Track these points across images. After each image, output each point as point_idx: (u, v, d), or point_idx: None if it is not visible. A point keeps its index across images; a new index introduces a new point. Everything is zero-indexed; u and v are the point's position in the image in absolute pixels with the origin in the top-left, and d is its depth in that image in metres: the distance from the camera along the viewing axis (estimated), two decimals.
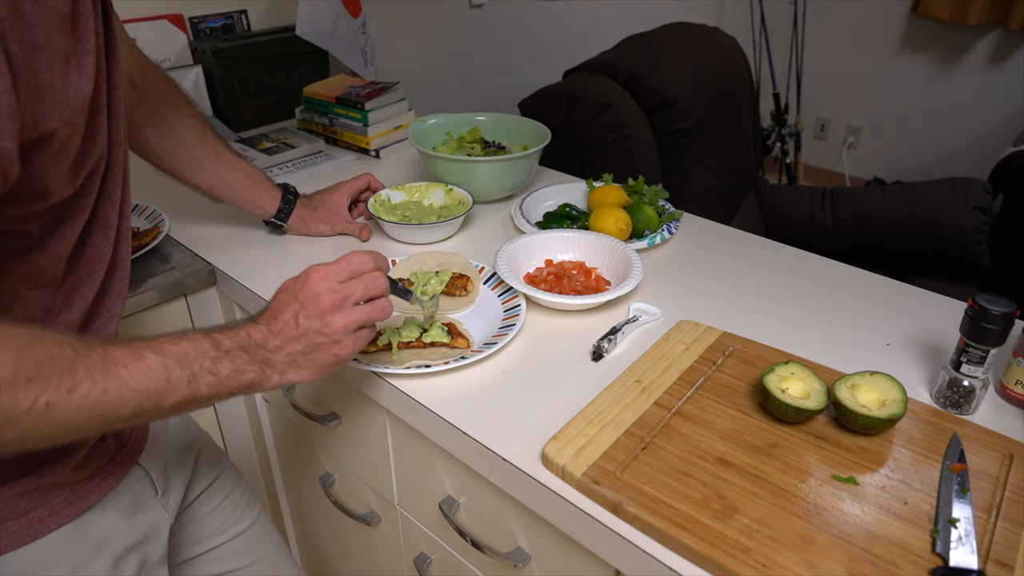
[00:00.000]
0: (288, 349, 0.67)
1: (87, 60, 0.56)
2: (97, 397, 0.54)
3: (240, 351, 0.64)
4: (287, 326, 0.67)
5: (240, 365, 0.64)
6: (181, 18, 1.60)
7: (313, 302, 0.67)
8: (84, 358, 0.54)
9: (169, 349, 0.59)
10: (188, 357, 0.60)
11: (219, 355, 0.63)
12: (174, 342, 0.60)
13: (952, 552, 0.61)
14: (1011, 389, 0.81)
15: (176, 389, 0.59)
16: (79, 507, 0.68)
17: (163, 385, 0.58)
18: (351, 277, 0.70)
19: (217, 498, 0.91)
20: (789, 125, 3.58)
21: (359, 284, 0.70)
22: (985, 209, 1.78)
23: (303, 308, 0.67)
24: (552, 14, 2.61)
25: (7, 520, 0.63)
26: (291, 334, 0.67)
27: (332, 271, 0.69)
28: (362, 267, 0.71)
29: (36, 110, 0.52)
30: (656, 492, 0.67)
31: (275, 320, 0.67)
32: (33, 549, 0.65)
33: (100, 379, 0.54)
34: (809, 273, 1.09)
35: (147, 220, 1.22)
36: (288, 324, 0.67)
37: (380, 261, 0.73)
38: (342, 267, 0.70)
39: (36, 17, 0.50)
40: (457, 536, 0.90)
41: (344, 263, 0.70)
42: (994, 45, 3.25)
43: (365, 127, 1.52)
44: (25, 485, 0.64)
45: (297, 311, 0.67)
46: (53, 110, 0.53)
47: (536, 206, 1.27)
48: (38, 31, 0.51)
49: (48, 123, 0.53)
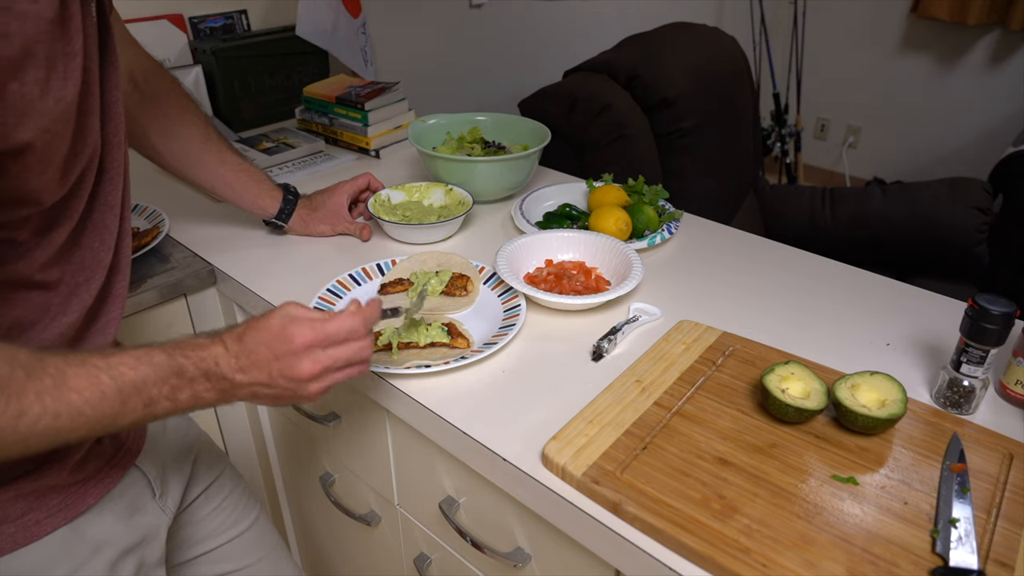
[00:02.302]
0: (252, 388, 0.65)
1: (74, 63, 0.55)
2: (48, 423, 0.53)
3: (203, 378, 0.62)
4: (258, 372, 0.64)
5: (199, 392, 0.62)
6: (181, 18, 1.60)
7: (291, 366, 0.64)
8: (36, 380, 0.52)
9: (127, 375, 0.57)
10: (147, 384, 0.58)
11: (180, 383, 0.61)
12: (134, 367, 0.58)
13: (952, 552, 0.61)
14: (1011, 389, 0.81)
15: (131, 413, 0.58)
16: (76, 509, 0.68)
17: (118, 409, 0.57)
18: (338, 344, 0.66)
19: (216, 499, 0.91)
20: (789, 125, 3.58)
21: (343, 353, 0.66)
22: (985, 209, 1.78)
23: (280, 364, 0.64)
24: (552, 14, 2.61)
25: (3, 523, 0.63)
26: (261, 379, 0.64)
27: (320, 339, 0.65)
28: (352, 334, 0.67)
29: (5, 122, 0.50)
30: (656, 492, 0.67)
31: (247, 359, 0.64)
32: (30, 552, 0.64)
33: (51, 405, 0.53)
34: (809, 273, 1.09)
35: (147, 220, 1.22)
36: (260, 370, 0.64)
37: (371, 318, 0.70)
38: (330, 334, 0.65)
39: (11, 28, 0.49)
40: (457, 536, 0.90)
41: (334, 330, 0.66)
42: (994, 45, 3.25)
43: (365, 127, 1.52)
44: (21, 488, 0.64)
45: (271, 364, 0.64)
46: (26, 120, 0.51)
47: (536, 206, 1.27)
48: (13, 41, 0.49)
49: (21, 134, 0.51)
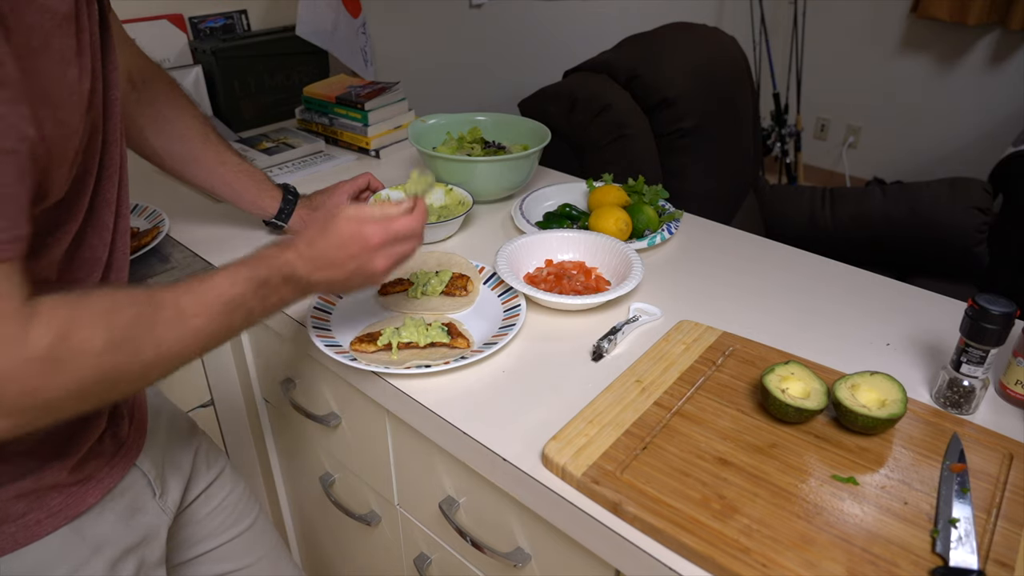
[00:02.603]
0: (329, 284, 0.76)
1: (84, 59, 0.56)
2: (177, 349, 0.60)
3: (283, 283, 0.71)
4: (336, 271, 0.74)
5: (284, 295, 0.72)
6: (181, 18, 1.60)
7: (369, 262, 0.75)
8: (160, 312, 0.59)
9: (228, 293, 0.65)
10: (245, 298, 0.66)
11: (268, 292, 0.69)
12: (231, 285, 0.65)
13: (952, 552, 0.61)
14: (1011, 389, 0.81)
15: (236, 324, 0.66)
16: (76, 509, 0.68)
17: (226, 323, 0.65)
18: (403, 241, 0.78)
19: (216, 499, 0.91)
20: (789, 125, 3.58)
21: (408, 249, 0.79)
22: (985, 209, 1.78)
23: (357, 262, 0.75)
24: (552, 14, 2.60)
25: (4, 523, 0.63)
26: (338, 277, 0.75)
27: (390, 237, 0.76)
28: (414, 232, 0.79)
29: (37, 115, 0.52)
30: (656, 492, 0.67)
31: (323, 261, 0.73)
32: (30, 552, 0.65)
33: (180, 331, 0.60)
34: (809, 273, 1.09)
35: (147, 220, 1.22)
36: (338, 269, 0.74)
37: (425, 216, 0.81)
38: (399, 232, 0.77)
39: (35, 20, 0.50)
40: (457, 536, 0.90)
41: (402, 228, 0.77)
42: (994, 45, 3.25)
43: (365, 127, 1.52)
44: (22, 488, 0.64)
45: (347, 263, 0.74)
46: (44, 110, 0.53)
47: (536, 206, 1.27)
48: (36, 33, 0.51)
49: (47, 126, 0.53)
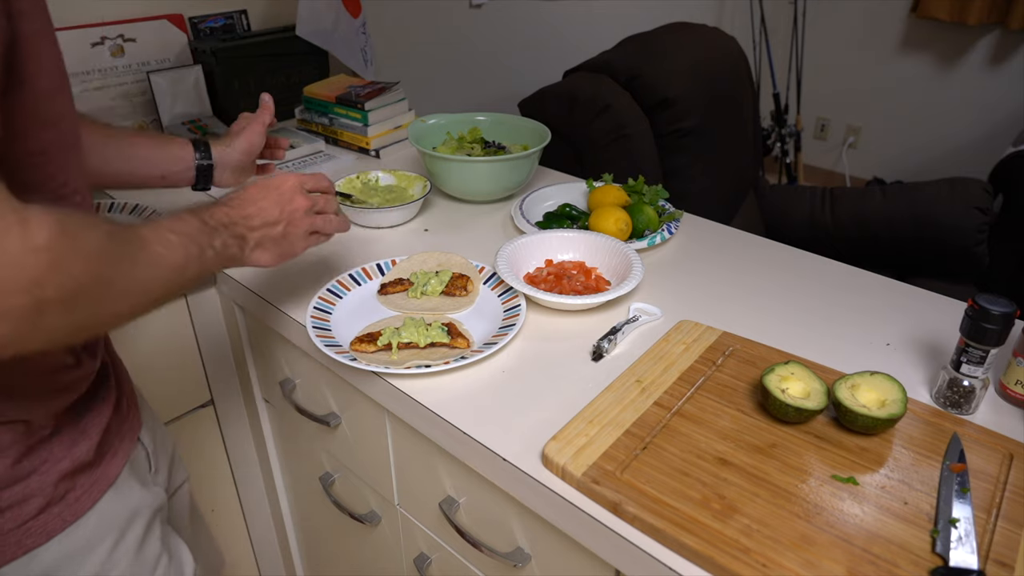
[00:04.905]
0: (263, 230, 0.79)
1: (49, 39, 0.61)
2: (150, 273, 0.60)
3: (222, 227, 0.73)
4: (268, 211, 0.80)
5: (226, 239, 0.74)
6: (181, 18, 1.60)
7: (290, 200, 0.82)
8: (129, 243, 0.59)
9: (181, 227, 0.66)
10: (196, 234, 0.68)
11: (210, 231, 0.71)
12: (181, 223, 0.67)
13: (952, 552, 0.61)
14: (1011, 389, 0.81)
15: (192, 261, 0.66)
16: (107, 482, 0.72)
17: (184, 255, 0.65)
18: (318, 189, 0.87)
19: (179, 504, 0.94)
20: (789, 125, 3.58)
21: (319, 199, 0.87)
22: (985, 209, 1.78)
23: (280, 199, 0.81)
24: (552, 14, 2.61)
25: (52, 504, 0.66)
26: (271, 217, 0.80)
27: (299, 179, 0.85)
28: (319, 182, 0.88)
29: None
30: (656, 492, 0.67)
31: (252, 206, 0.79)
32: (79, 528, 0.68)
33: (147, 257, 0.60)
34: (809, 273, 1.09)
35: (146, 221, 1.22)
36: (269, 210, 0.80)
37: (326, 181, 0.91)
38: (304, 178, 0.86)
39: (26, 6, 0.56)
40: (457, 536, 0.90)
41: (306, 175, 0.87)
42: (994, 45, 3.25)
43: (365, 127, 1.52)
44: (62, 470, 0.67)
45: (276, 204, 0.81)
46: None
47: (536, 206, 1.27)
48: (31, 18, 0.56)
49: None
